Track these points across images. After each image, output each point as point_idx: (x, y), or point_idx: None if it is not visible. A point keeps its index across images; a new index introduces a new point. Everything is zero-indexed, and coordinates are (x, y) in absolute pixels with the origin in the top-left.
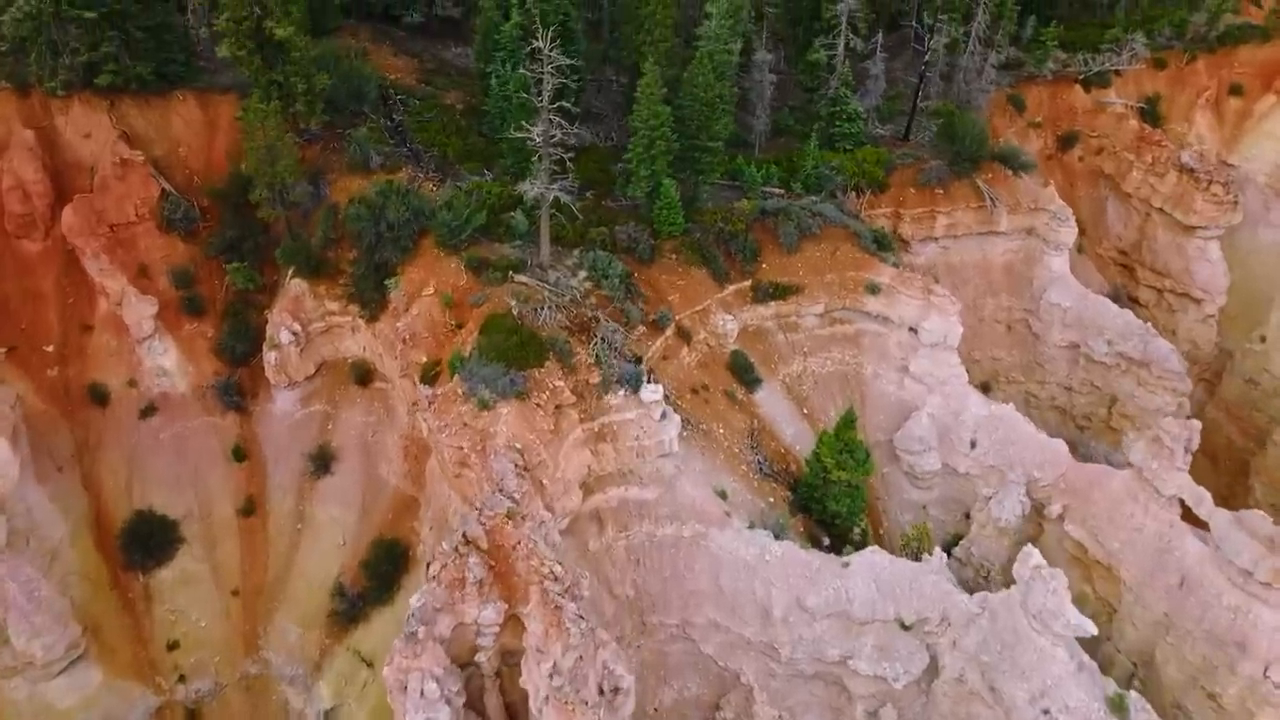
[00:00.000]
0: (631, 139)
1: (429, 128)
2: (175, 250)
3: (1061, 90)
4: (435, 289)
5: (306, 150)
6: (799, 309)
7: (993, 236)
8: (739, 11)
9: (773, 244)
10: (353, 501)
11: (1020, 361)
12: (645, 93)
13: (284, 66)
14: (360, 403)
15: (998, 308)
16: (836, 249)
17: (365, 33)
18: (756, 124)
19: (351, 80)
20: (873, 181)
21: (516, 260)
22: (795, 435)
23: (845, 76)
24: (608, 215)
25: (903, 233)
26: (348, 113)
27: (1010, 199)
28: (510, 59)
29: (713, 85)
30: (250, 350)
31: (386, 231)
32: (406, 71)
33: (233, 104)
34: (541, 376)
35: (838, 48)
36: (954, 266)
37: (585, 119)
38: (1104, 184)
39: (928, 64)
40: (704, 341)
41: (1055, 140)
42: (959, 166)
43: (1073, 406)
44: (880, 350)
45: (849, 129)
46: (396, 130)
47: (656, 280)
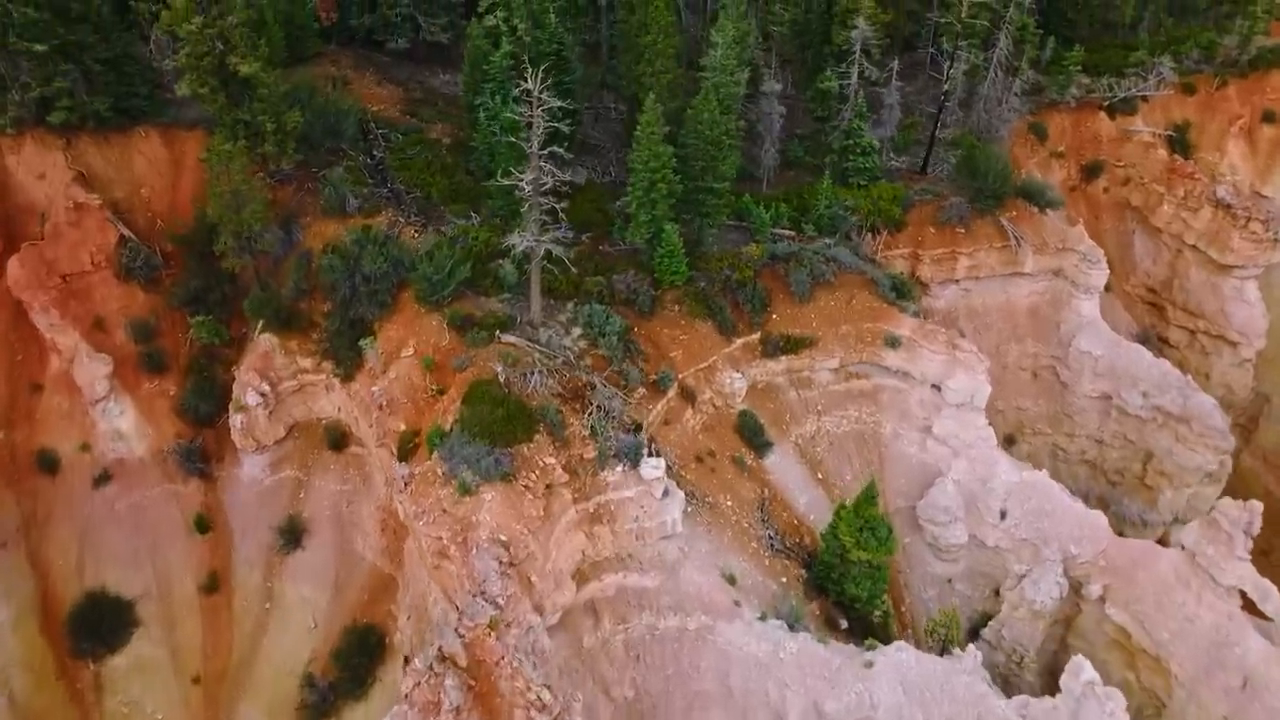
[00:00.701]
0: (631, 180)
1: (412, 165)
2: (135, 301)
3: (1085, 117)
4: (415, 349)
5: (278, 192)
6: (812, 363)
7: (1017, 278)
8: (745, 37)
9: (783, 292)
10: (325, 579)
11: (1047, 412)
12: (645, 132)
13: (251, 104)
14: (334, 469)
15: (1023, 354)
16: (852, 297)
17: (347, 59)
18: (764, 158)
19: (328, 115)
20: (889, 220)
21: (504, 317)
22: (809, 504)
23: (859, 108)
24: (605, 262)
25: (921, 275)
26: (323, 150)
27: (1036, 238)
28: (500, 91)
29: (719, 122)
30: (216, 410)
31: (363, 285)
32: (390, 102)
33: (200, 141)
34: (530, 453)
35: (851, 76)
36: (976, 310)
37: (581, 152)
38: (1131, 217)
39: (947, 93)
40: (709, 402)
41: (1079, 170)
42: (981, 204)
43: (1104, 461)
44: (900, 408)
45: (863, 163)
46: (377, 168)
47: (658, 335)
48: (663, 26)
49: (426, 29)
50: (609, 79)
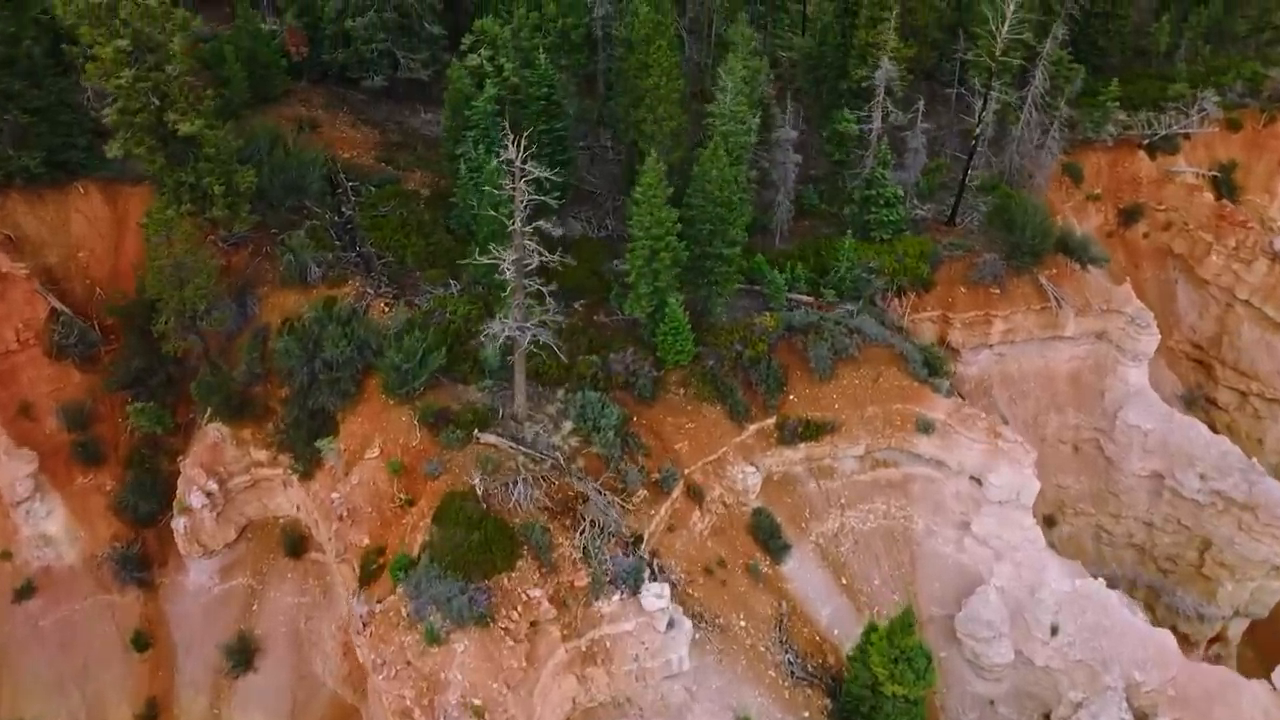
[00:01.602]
0: (630, 247)
1: (385, 224)
2: (68, 384)
3: (1123, 157)
4: (382, 450)
5: (232, 257)
6: (834, 451)
7: (1056, 341)
8: (756, 76)
9: (801, 369)
10: (280, 708)
11: (1090, 490)
12: (646, 194)
13: (196, 164)
14: (292, 578)
15: (1063, 426)
16: (879, 374)
17: (319, 98)
18: (778, 211)
19: (289, 170)
20: (916, 280)
21: (484, 411)
22: (833, 616)
23: (882, 154)
24: (600, 337)
25: (952, 340)
26: (285, 209)
27: (1078, 298)
28: (483, 140)
29: (729, 181)
30: (159, 507)
31: (323, 372)
32: (364, 147)
33: (146, 197)
34: (512, 585)
35: (873, 120)
36: (1011, 377)
37: (574, 201)
38: (1174, 265)
39: (978, 137)
40: (719, 500)
41: (1116, 215)
42: (1018, 261)
43: (1154, 546)
44: (934, 501)
45: (887, 216)
46: (345, 228)
47: (660, 424)
48: (666, 69)
49: (405, 65)
50: (606, 116)
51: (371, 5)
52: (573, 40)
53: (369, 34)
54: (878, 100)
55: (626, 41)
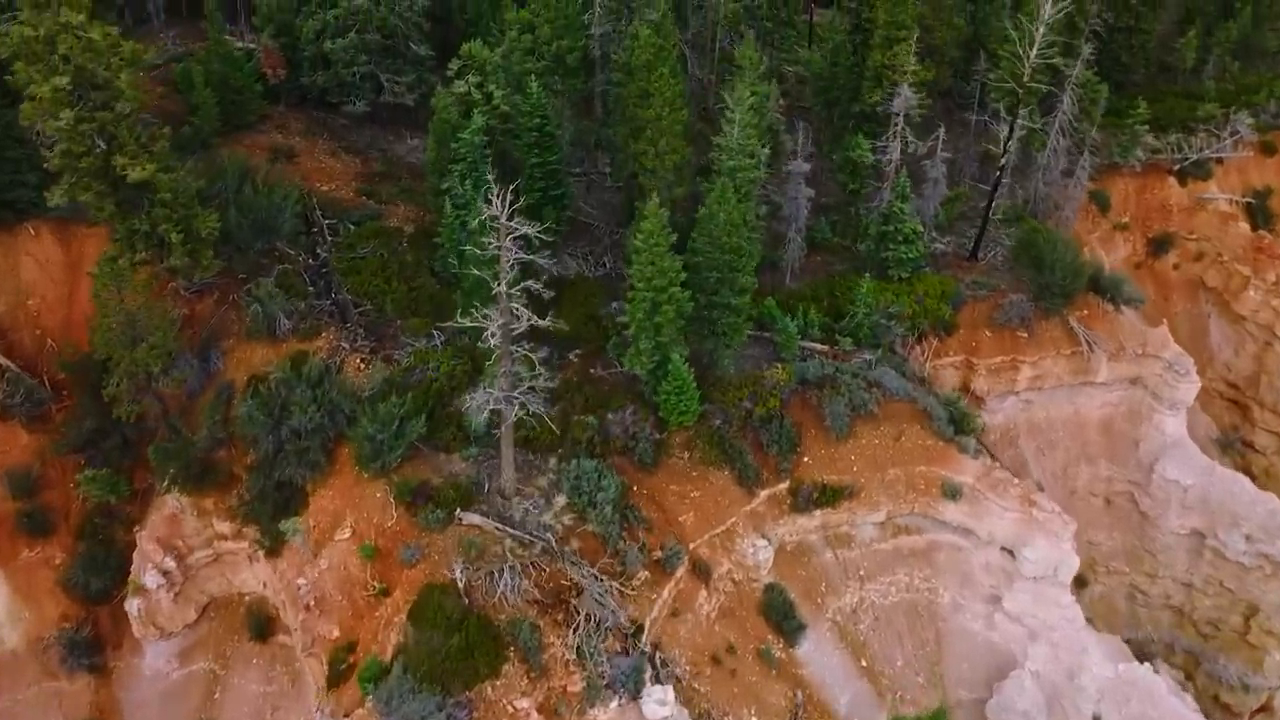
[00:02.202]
0: (630, 298)
1: (364, 267)
2: (14, 446)
3: (1152, 183)
4: (354, 530)
5: (195, 305)
6: (853, 518)
7: (1087, 387)
8: (764, 103)
9: (816, 428)
10: None
11: (1124, 547)
12: (647, 241)
13: (150, 210)
14: (258, 664)
15: (1094, 478)
16: (901, 433)
17: (297, 124)
18: (788, 246)
19: (259, 210)
20: (937, 322)
21: (467, 485)
22: (852, 704)
23: (901, 188)
24: (597, 393)
25: (976, 388)
26: (254, 252)
27: (1111, 342)
28: (471, 174)
29: (738, 226)
30: (113, 583)
31: (290, 441)
32: (344, 178)
33: (103, 240)
34: (497, 695)
35: (892, 150)
36: (1038, 425)
37: (571, 234)
38: (1206, 299)
39: (1002, 168)
40: (728, 577)
41: (1145, 244)
42: (1047, 302)
43: (1193, 609)
44: (961, 572)
45: (906, 253)
46: (320, 272)
47: (663, 493)
48: (668, 99)
49: (389, 89)
50: (604, 140)
51: (352, 26)
52: (568, 64)
53: (350, 56)
54: (896, 130)
55: (626, 66)
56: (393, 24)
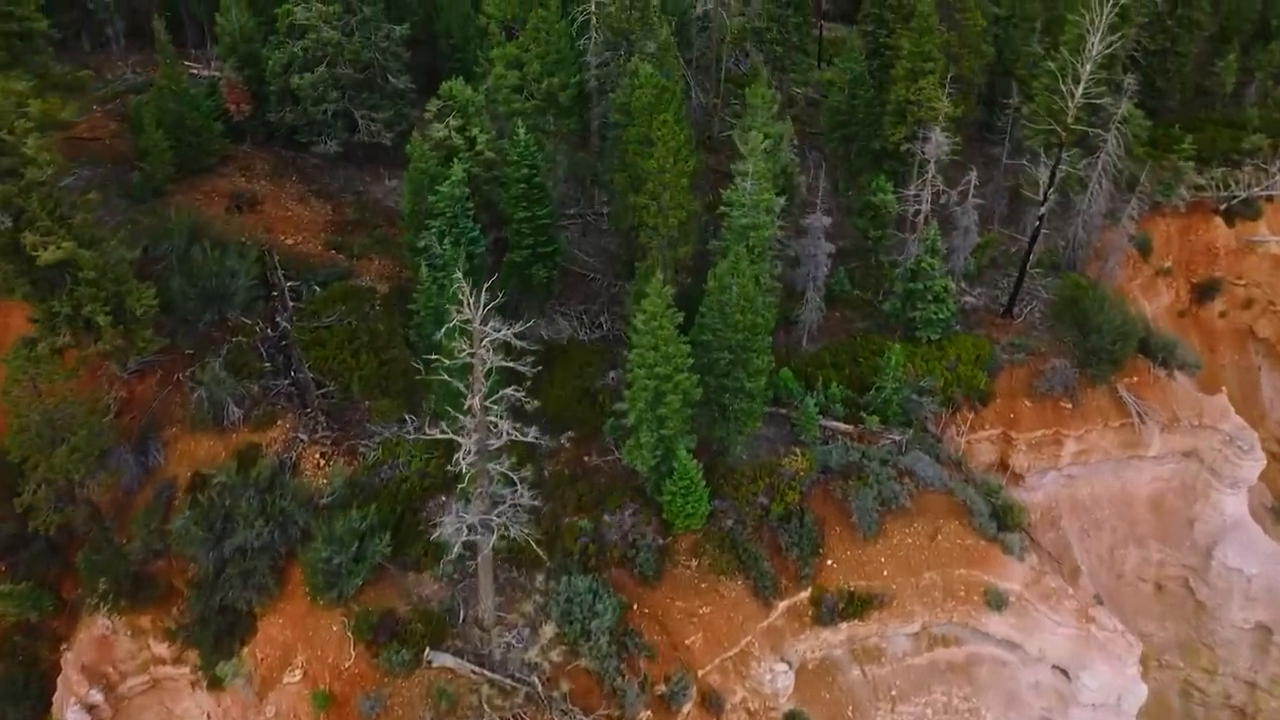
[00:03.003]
0: (629, 384)
1: (329, 338)
2: None
3: (1196, 224)
4: (305, 671)
5: (135, 387)
6: (884, 629)
7: (1136, 460)
8: (779, 144)
9: (841, 525)
10: None
11: (1178, 638)
12: (649, 323)
13: (73, 290)
14: None
15: (1144, 561)
16: (936, 530)
17: (264, 164)
18: (806, 307)
19: (209, 275)
20: (972, 390)
21: (439, 615)
22: None
23: (931, 241)
24: (592, 488)
25: (1015, 464)
26: (204, 324)
27: (1164, 411)
28: (450, 230)
29: (753, 301)
30: (33, 713)
31: (234, 560)
32: (312, 228)
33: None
34: None
35: (921, 200)
36: (1082, 503)
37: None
38: (1256, 350)
39: (1041, 218)
40: (742, 707)
41: (1189, 291)
42: (1094, 369)
43: (1257, 711)
44: (1006, 691)
45: (936, 314)
46: (279, 345)
47: (667, 612)
48: (673, 149)
49: (364, 128)
50: (601, 174)
51: (322, 58)
52: (561, 103)
53: (319, 93)
54: (926, 179)
55: (625, 107)
56: (368, 56)
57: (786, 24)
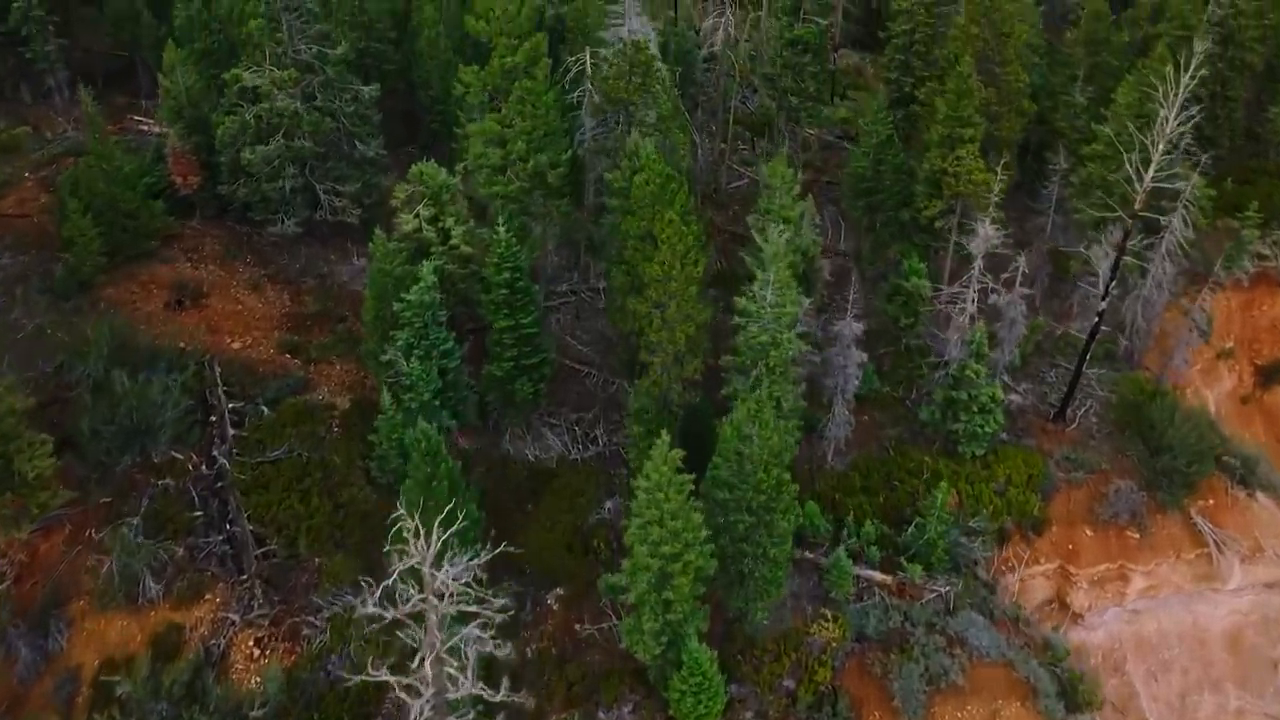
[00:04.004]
0: (629, 566)
1: (275, 476)
2: None
3: (1260, 298)
4: None
5: (37, 548)
6: None
7: (1210, 592)
8: (800, 229)
9: (881, 708)
10: None
11: None
12: (652, 494)
13: None
14: None
15: (1221, 710)
16: (994, 714)
17: (214, 243)
18: (832, 421)
19: (132, 406)
20: (1024, 518)
21: None
22: None
23: (978, 345)
24: (584, 674)
25: (1074, 603)
26: (124, 468)
27: (1245, 538)
28: (419, 342)
29: (778, 455)
30: None
31: None
32: (264, 325)
33: None
34: None
35: (967, 297)
36: (1148, 642)
37: (554, 388)
38: None
39: (1101, 314)
40: None
41: (1254, 374)
42: (1164, 493)
43: None
44: None
45: (982, 426)
46: (215, 488)
47: None
48: (680, 252)
49: (328, 205)
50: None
51: (278, 128)
52: (550, 183)
53: (274, 169)
54: (972, 277)
55: (624, 190)
56: (331, 126)
57: (803, 72)
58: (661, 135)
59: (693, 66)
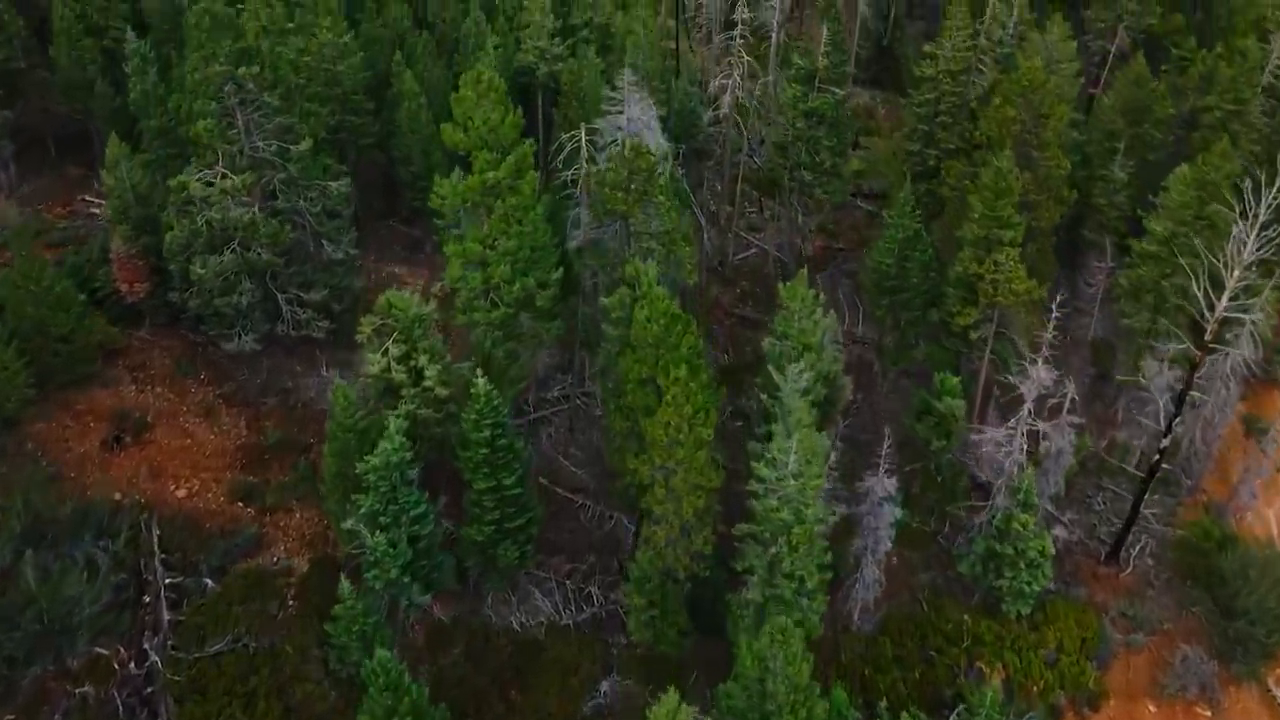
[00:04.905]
0: None
1: (216, 676)
2: None
3: None
4: None
5: None
6: None
7: None
8: (821, 345)
9: None
10: None
11: None
12: None
13: None
14: None
15: None
16: None
17: (164, 358)
18: (860, 583)
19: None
20: (1078, 690)
21: None
22: None
23: (1025, 492)
24: None
25: None
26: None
27: None
28: (386, 509)
29: (803, 692)
30: None
31: None
32: (216, 465)
33: None
34: None
35: (1014, 438)
36: None
37: (545, 527)
38: None
39: (1162, 453)
40: None
41: None
42: (1240, 663)
43: None
44: None
45: (1028, 584)
46: (144, 693)
47: None
48: (687, 415)
49: (291, 318)
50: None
51: (233, 236)
52: (539, 305)
53: (227, 283)
54: (1021, 419)
55: (622, 322)
56: (289, 238)
57: (818, 146)
58: (665, 250)
59: (697, 126)
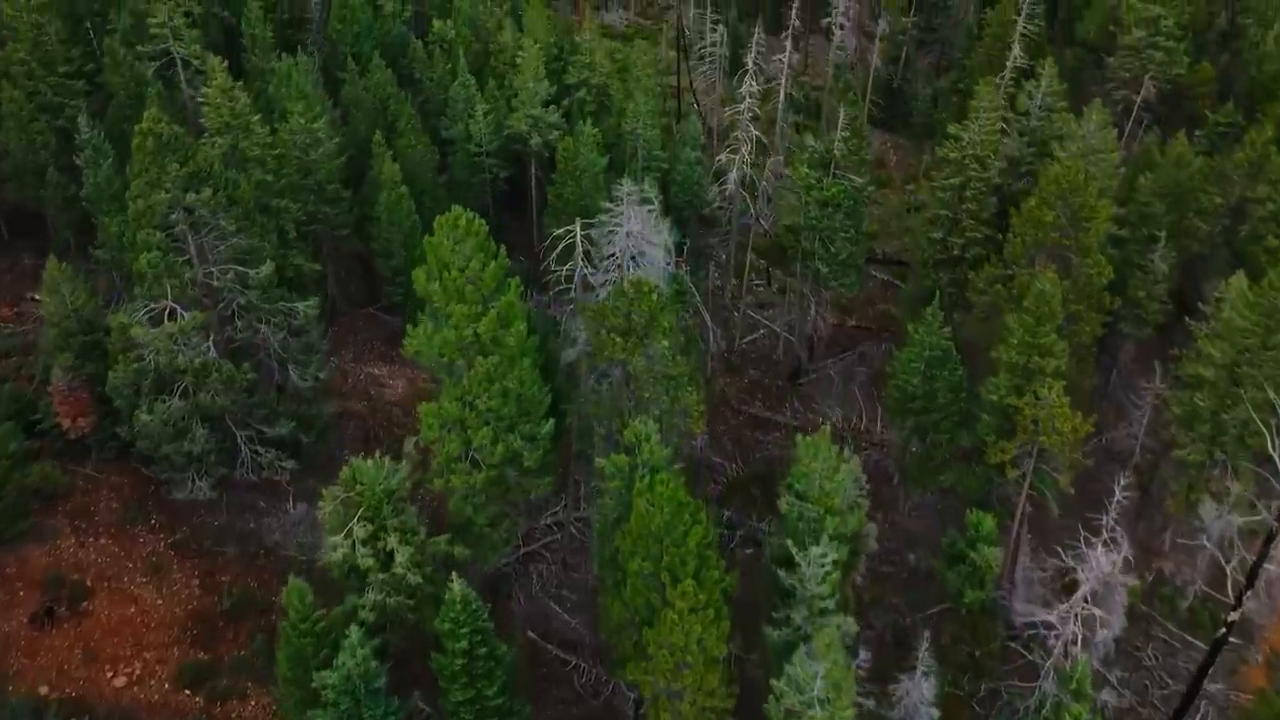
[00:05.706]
0: None
1: None
2: None
3: None
4: None
5: None
6: None
7: None
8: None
9: None
10: None
11: None
12: None
13: None
14: None
15: None
16: None
17: (111, 497)
18: None
19: None
20: None
21: None
22: None
23: (1079, 682)
24: None
25: None
26: None
27: None
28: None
29: None
30: None
31: None
32: (162, 638)
33: None
34: None
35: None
36: None
37: None
38: None
39: (1230, 626)
40: None
41: None
42: None
43: None
44: None
45: None
46: None
47: None
48: (695, 602)
49: (250, 460)
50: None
51: (179, 385)
52: (527, 464)
53: (179, 430)
54: (1074, 605)
55: (620, 496)
56: (247, 379)
57: (834, 238)
58: (670, 400)
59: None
